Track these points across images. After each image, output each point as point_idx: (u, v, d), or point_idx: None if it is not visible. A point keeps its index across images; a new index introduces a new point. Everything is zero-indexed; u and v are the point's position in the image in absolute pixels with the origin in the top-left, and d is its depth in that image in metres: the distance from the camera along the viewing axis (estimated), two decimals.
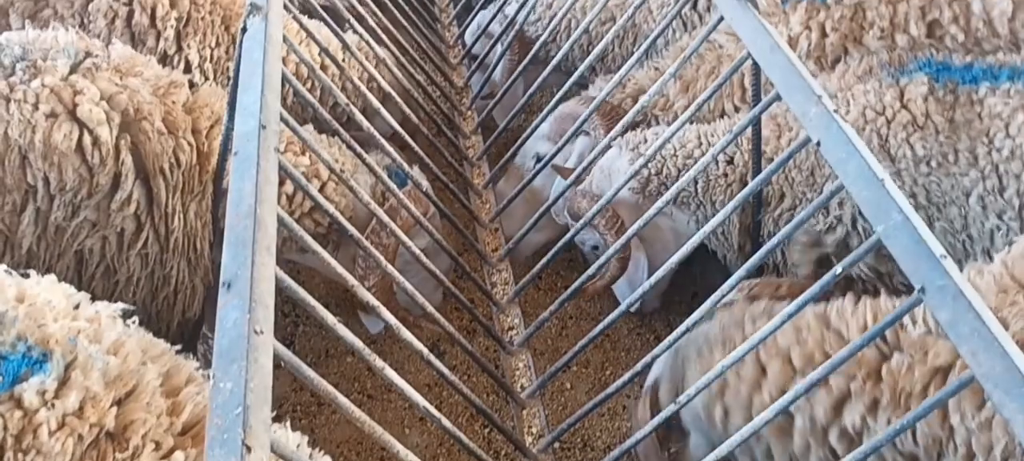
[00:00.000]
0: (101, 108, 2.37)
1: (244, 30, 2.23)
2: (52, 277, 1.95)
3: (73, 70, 2.43)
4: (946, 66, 2.56)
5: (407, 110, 3.20)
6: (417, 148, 3.04)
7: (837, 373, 1.90)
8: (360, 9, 3.40)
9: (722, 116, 3.02)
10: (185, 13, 3.02)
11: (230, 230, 1.67)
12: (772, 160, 2.38)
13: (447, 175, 3.22)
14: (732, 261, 2.89)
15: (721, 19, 2.47)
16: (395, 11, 3.82)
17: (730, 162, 2.76)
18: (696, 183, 2.78)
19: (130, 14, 2.96)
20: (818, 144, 1.98)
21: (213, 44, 3.08)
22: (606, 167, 2.95)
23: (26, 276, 1.91)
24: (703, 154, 2.76)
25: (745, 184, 2.69)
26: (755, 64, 2.30)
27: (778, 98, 2.18)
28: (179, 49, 3.02)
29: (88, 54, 2.49)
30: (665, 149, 2.81)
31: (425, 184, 2.85)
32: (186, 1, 3.03)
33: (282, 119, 2.04)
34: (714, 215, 2.68)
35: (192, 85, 2.64)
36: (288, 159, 2.53)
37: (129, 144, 2.40)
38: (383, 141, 2.64)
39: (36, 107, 2.33)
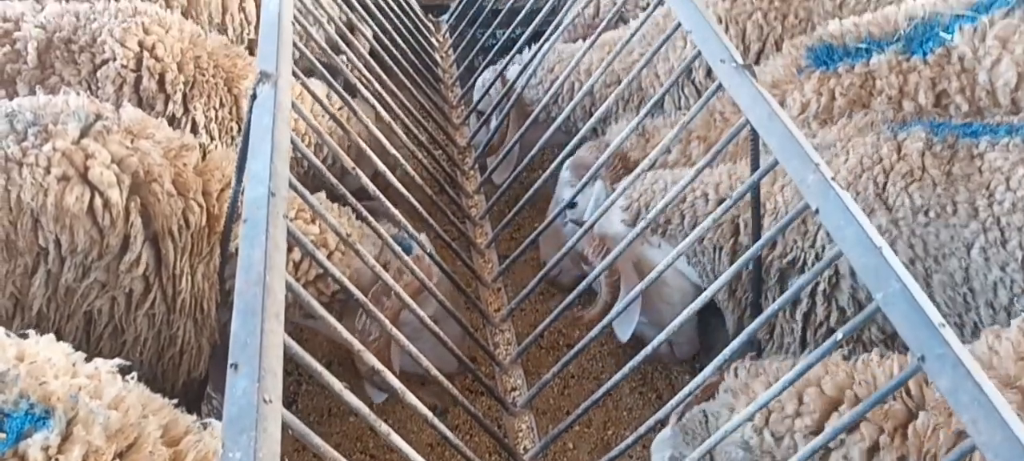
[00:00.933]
0: (112, 171, 2.41)
1: (254, 97, 2.29)
2: (50, 336, 1.99)
3: (83, 133, 2.47)
4: (945, 124, 2.62)
5: (410, 170, 3.25)
6: (420, 207, 3.08)
7: (868, 422, 1.92)
8: (363, 69, 3.47)
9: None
10: (191, 77, 3.09)
11: (239, 297, 1.69)
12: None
13: (449, 233, 3.26)
14: (726, 308, 2.91)
15: (719, 87, 2.53)
16: (398, 71, 3.90)
17: (720, 201, 2.80)
18: (682, 219, 2.83)
19: (138, 80, 3.03)
20: (817, 211, 2.02)
21: (218, 105, 3.15)
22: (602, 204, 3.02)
23: (25, 336, 1.95)
24: (694, 193, 2.82)
25: (736, 226, 2.73)
26: (753, 130, 2.35)
27: (776, 164, 2.23)
28: (186, 111, 3.08)
29: (99, 117, 2.54)
30: (656, 185, 2.90)
31: (429, 246, 2.88)
32: (191, 65, 3.10)
33: (291, 186, 2.08)
34: (701, 252, 2.79)
35: (204, 150, 2.69)
36: (297, 226, 2.56)
37: (139, 206, 2.44)
38: (390, 206, 2.67)
39: (48, 171, 2.38)
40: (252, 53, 3.68)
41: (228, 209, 2.52)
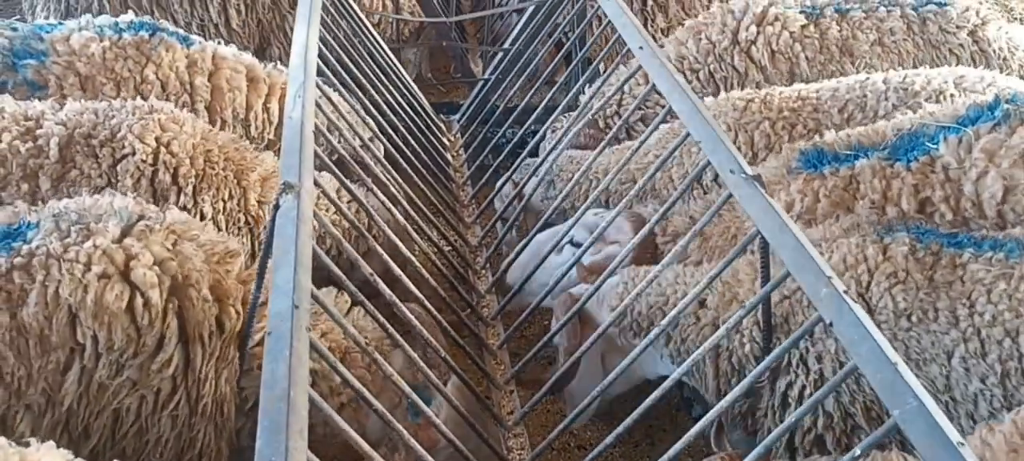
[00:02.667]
0: (154, 272, 2.46)
1: (277, 207, 2.35)
2: (50, 444, 1.99)
3: (125, 233, 2.53)
4: (931, 231, 2.66)
5: (423, 271, 3.29)
6: (433, 310, 3.10)
7: None
8: (375, 168, 3.54)
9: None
10: (201, 170, 3.18)
11: (264, 414, 1.71)
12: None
13: (460, 333, 3.28)
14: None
15: (730, 195, 2.59)
16: (410, 171, 3.97)
17: (702, 305, 2.82)
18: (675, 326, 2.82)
19: (154, 173, 3.11)
20: (830, 324, 2.05)
21: (226, 197, 3.23)
22: (603, 291, 3.05)
23: (26, 445, 1.95)
24: (677, 294, 2.84)
25: (717, 326, 2.72)
26: (764, 241, 2.40)
27: (788, 276, 2.27)
28: (195, 203, 3.16)
29: (141, 217, 2.60)
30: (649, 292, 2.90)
31: (453, 398, 2.87)
32: (201, 159, 3.19)
33: (314, 298, 2.11)
34: (682, 349, 2.78)
35: None
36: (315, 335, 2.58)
37: (176, 308, 2.48)
38: (409, 349, 2.68)
39: (88, 267, 2.41)
40: (270, 150, 3.80)
41: (247, 312, 2.56)
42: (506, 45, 5.09)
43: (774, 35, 4.15)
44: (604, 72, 4.23)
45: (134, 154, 3.08)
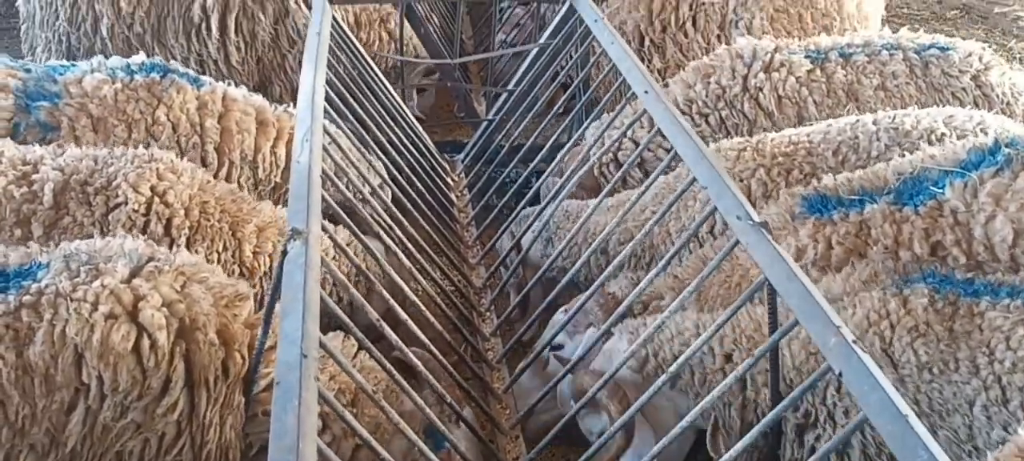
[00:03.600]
0: (162, 313, 2.45)
1: (285, 253, 2.35)
2: None
3: (134, 274, 2.53)
4: (948, 279, 2.66)
5: (428, 314, 3.29)
6: (437, 353, 3.09)
7: None
8: (382, 214, 3.55)
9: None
10: (196, 221, 3.18)
11: None
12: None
13: (463, 375, 3.26)
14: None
15: (736, 242, 2.60)
16: (413, 211, 3.99)
17: (728, 359, 2.81)
18: (693, 374, 2.81)
19: (146, 223, 3.11)
20: (840, 375, 2.04)
21: (221, 248, 3.23)
22: (607, 349, 3.04)
23: None
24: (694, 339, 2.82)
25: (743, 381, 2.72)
26: (772, 289, 2.40)
27: (796, 325, 2.27)
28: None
29: (151, 259, 2.61)
30: (663, 333, 2.89)
31: (462, 444, 2.87)
32: (197, 211, 3.20)
33: (322, 346, 2.11)
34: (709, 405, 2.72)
35: None
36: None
37: (183, 350, 2.47)
38: (415, 395, 2.67)
39: (95, 307, 2.41)
40: (277, 192, 3.83)
41: (253, 359, 2.55)
42: (510, 86, 5.13)
43: (780, 81, 4.15)
44: (609, 112, 4.25)
45: (127, 203, 3.09)
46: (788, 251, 3.00)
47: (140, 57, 3.74)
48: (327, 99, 3.39)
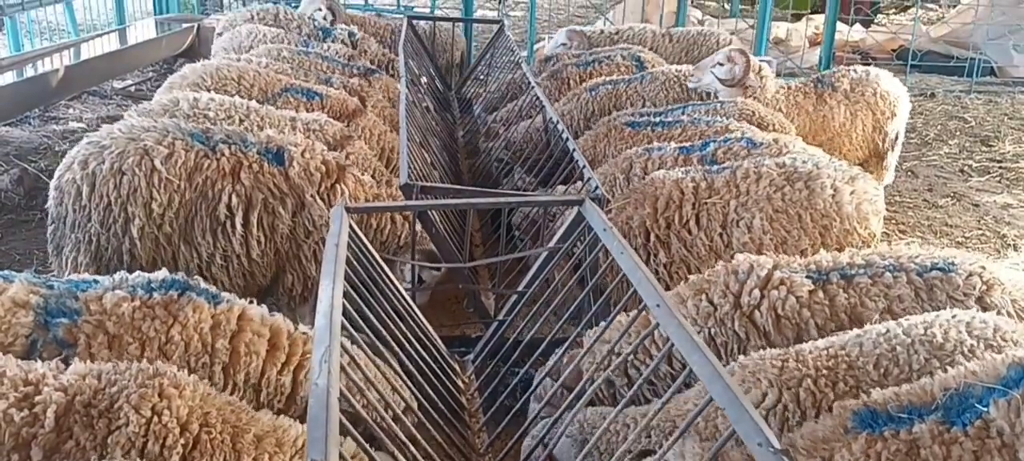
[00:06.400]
0: None
1: None
2: None
3: None
4: None
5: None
6: None
7: None
8: (398, 432, 3.51)
9: None
10: (194, 436, 3.11)
11: None
12: None
13: None
14: None
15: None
16: (426, 422, 3.94)
17: None
18: None
19: (144, 444, 3.04)
20: None
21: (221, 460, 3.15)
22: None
23: None
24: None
25: None
26: None
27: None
28: None
29: None
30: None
31: None
32: (196, 425, 3.13)
33: None
34: None
35: None
36: None
37: None
38: None
39: None
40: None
41: None
42: (520, 287, 5.20)
43: (779, 300, 4.12)
44: (623, 315, 4.26)
45: (127, 425, 3.03)
46: None
47: (162, 273, 3.78)
48: (345, 313, 3.44)
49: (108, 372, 3.19)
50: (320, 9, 11.21)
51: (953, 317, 3.72)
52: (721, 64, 8.16)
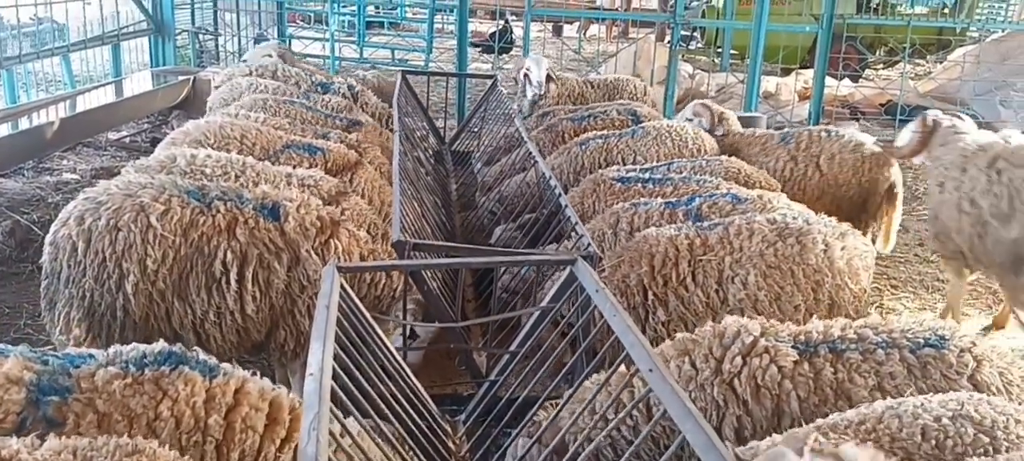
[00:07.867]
0: None
1: None
2: None
3: None
4: None
5: None
6: None
7: None
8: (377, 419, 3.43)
9: None
10: None
11: None
12: None
13: None
14: None
15: None
16: None
17: None
18: None
19: None
20: None
21: None
22: None
23: None
24: None
25: None
26: None
27: None
28: None
29: None
30: None
31: None
32: None
33: None
34: None
35: None
36: None
37: None
38: None
39: None
40: None
41: None
42: (512, 347, 5.19)
43: (760, 368, 3.97)
44: (613, 375, 4.23)
45: None
46: None
47: (158, 345, 3.64)
48: (335, 377, 3.41)
49: (84, 448, 3.06)
50: (269, 56, 11.30)
51: (971, 402, 3.55)
52: (690, 119, 9.34)
